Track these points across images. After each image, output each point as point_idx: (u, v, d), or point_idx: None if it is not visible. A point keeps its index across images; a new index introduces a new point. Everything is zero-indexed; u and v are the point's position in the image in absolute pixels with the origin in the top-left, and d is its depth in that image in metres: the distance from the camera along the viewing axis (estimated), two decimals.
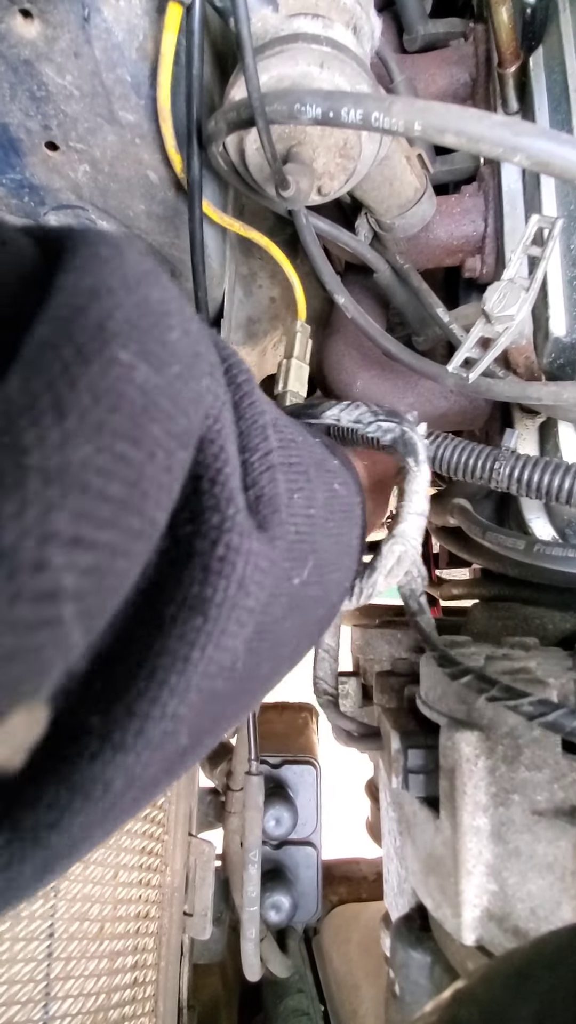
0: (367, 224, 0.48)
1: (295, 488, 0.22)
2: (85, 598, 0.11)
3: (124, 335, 0.12)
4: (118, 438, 0.11)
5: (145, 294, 0.14)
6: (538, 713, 0.22)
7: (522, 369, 0.41)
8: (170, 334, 0.14)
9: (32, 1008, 0.42)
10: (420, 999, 0.34)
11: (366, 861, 0.93)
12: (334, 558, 0.26)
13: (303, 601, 0.22)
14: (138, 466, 0.12)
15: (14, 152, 0.39)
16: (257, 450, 0.19)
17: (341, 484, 0.28)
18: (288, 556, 0.20)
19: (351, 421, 0.34)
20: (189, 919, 0.58)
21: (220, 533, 0.16)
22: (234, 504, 0.16)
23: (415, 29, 0.52)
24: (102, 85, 0.36)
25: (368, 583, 0.32)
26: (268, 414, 0.21)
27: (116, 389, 0.12)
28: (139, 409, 0.12)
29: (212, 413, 0.16)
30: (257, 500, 0.19)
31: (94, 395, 0.11)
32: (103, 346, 0.12)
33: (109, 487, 0.11)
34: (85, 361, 0.11)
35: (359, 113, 0.26)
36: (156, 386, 0.13)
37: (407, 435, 0.33)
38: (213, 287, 0.50)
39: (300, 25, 0.35)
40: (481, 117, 0.23)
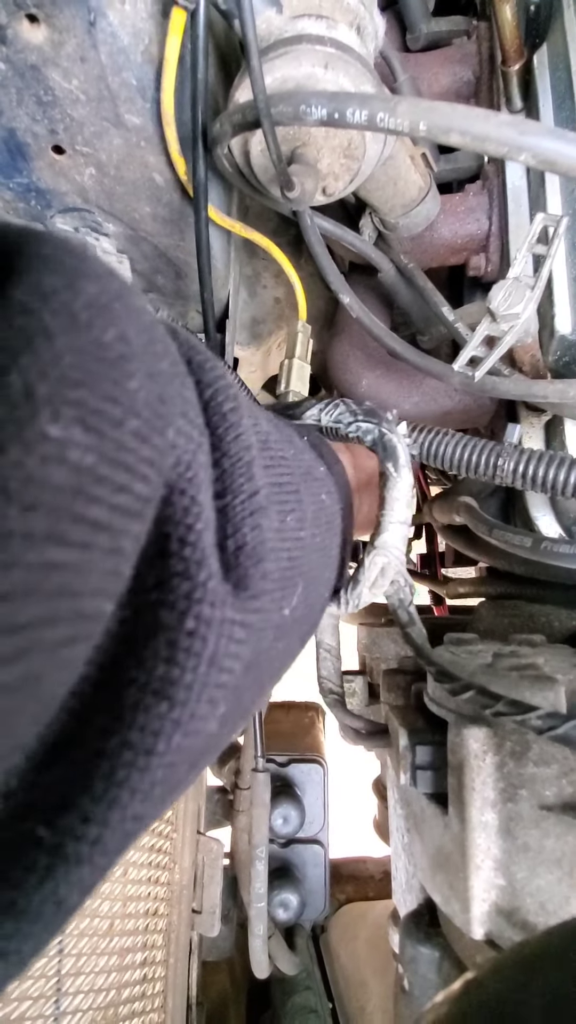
0: (371, 224, 0.48)
1: (287, 510, 0.21)
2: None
3: (58, 399, 0.10)
4: (33, 545, 0.09)
5: (98, 336, 0.12)
6: (547, 727, 0.22)
7: (528, 367, 0.41)
8: (128, 383, 0.12)
9: (44, 1004, 0.42)
10: (429, 994, 0.34)
11: (373, 860, 0.93)
12: (319, 572, 0.25)
13: (291, 627, 0.21)
14: (62, 570, 0.10)
15: (21, 156, 0.40)
16: (241, 492, 0.17)
17: (327, 493, 0.27)
18: (278, 587, 0.19)
19: (331, 421, 0.34)
20: (198, 916, 0.58)
21: (189, 604, 0.14)
22: (205, 568, 0.14)
23: (418, 28, 0.52)
24: (108, 89, 0.37)
25: (353, 595, 0.32)
26: (254, 447, 0.19)
27: (36, 479, 0.10)
28: (68, 497, 0.10)
29: (184, 459, 0.14)
30: (238, 551, 0.17)
31: (5, 495, 0.09)
32: (27, 421, 0.10)
33: (23, 612, 0.09)
34: (0, 447, 0.09)
35: (364, 114, 0.26)
36: (100, 458, 0.11)
37: (386, 437, 0.31)
38: (218, 288, 0.50)
39: (304, 26, 0.35)
40: (487, 116, 0.23)
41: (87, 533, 0.11)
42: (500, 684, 0.27)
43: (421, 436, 0.37)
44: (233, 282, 0.51)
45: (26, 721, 0.11)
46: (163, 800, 0.14)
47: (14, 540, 0.09)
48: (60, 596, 0.10)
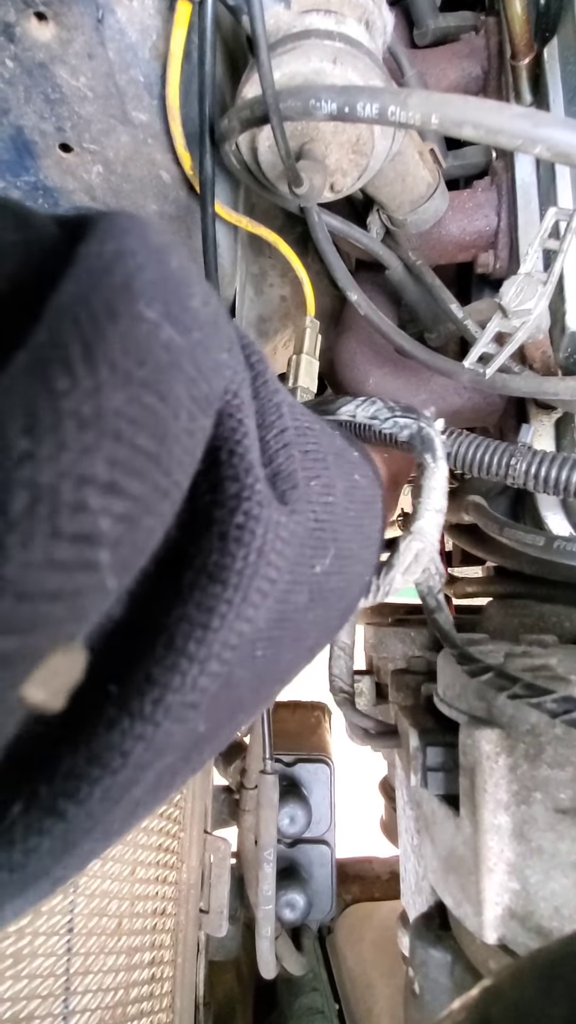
0: (379, 220, 0.48)
1: (311, 475, 0.22)
2: (119, 546, 0.11)
3: (149, 295, 0.12)
4: (146, 391, 0.11)
5: (167, 261, 0.14)
6: (562, 711, 0.22)
7: (538, 364, 0.40)
8: (192, 301, 0.14)
9: (52, 1002, 0.42)
10: (440, 998, 0.33)
11: (379, 860, 0.93)
12: (356, 549, 0.26)
13: (325, 592, 0.22)
14: (165, 422, 0.12)
15: (28, 154, 0.40)
16: (273, 427, 0.19)
17: (362, 475, 0.28)
18: (309, 541, 0.20)
19: (367, 417, 0.34)
20: (205, 916, 0.58)
21: (239, 501, 0.15)
22: (252, 474, 0.16)
23: (426, 23, 0.51)
24: (115, 86, 0.36)
25: (386, 580, 0.32)
26: (283, 393, 0.21)
27: (143, 344, 0.12)
28: (164, 367, 0.12)
29: (231, 388, 0.16)
30: (275, 476, 0.18)
31: (123, 347, 0.11)
32: (130, 303, 0.12)
33: (139, 438, 0.11)
34: (112, 316, 0.11)
35: (375, 107, 0.25)
36: (180, 348, 0.13)
37: (424, 431, 0.32)
38: (225, 286, 0.50)
39: (312, 21, 0.35)
40: (500, 108, 0.22)
41: (176, 404, 0.12)
42: None
43: None
44: (240, 280, 0.51)
45: (132, 555, 0.12)
46: (216, 673, 0.15)
47: (134, 381, 0.11)
48: (161, 440, 0.12)
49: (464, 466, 0.35)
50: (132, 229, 0.14)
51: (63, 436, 0.10)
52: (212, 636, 0.15)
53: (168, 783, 0.17)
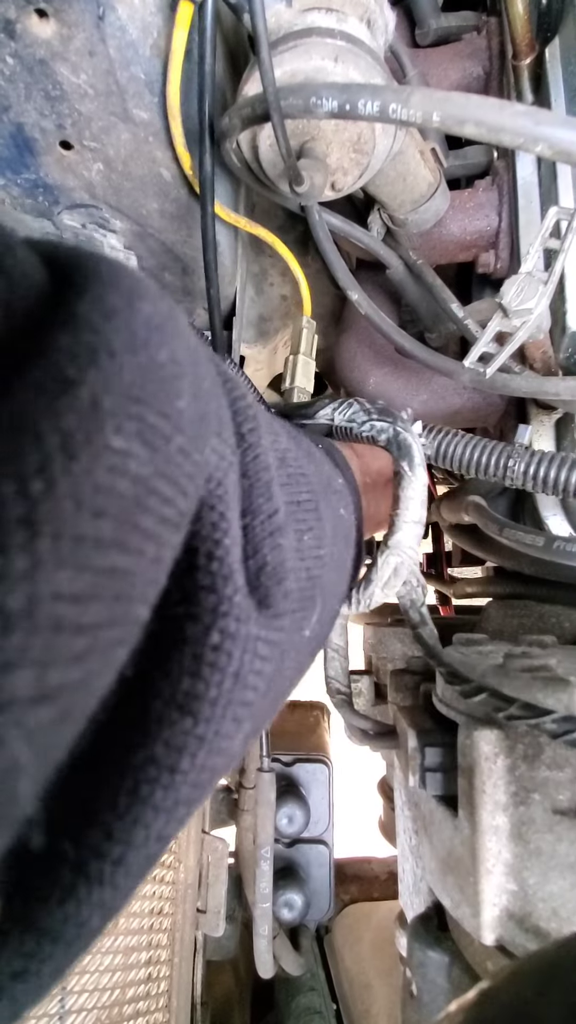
0: (380, 220, 0.48)
1: (304, 528, 0.21)
2: (44, 753, 0.09)
3: (121, 414, 0.11)
4: (100, 550, 0.10)
5: (153, 355, 0.12)
6: (562, 731, 0.22)
7: (539, 364, 0.40)
8: (177, 403, 0.12)
9: (48, 1002, 0.42)
10: (438, 999, 0.33)
11: (377, 860, 0.93)
12: (336, 588, 0.25)
13: (308, 646, 0.21)
14: (122, 575, 0.10)
15: (29, 152, 0.40)
16: (260, 512, 0.18)
17: (345, 507, 0.27)
18: (298, 608, 0.19)
19: (344, 420, 0.33)
20: (202, 916, 0.58)
21: (215, 617, 0.14)
22: (232, 583, 0.14)
23: (427, 23, 0.51)
24: (116, 83, 0.36)
25: (365, 595, 0.31)
26: (273, 467, 0.19)
27: (104, 488, 0.10)
28: (129, 505, 0.11)
29: (216, 476, 0.15)
30: (259, 571, 0.17)
31: (76, 500, 0.09)
32: (95, 432, 0.10)
33: (86, 614, 0.10)
34: (70, 455, 0.09)
35: (376, 105, 0.25)
36: (153, 471, 0.11)
37: (401, 436, 0.31)
38: (225, 285, 0.50)
39: (314, 19, 0.35)
40: (502, 106, 0.22)
41: (141, 541, 0.11)
42: (512, 686, 0.27)
43: (430, 436, 0.36)
44: (240, 279, 0.51)
45: (81, 712, 0.11)
46: (183, 820, 0.14)
47: (86, 544, 0.10)
48: (118, 600, 0.10)
49: (462, 467, 0.35)
50: (119, 310, 0.12)
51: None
52: (181, 779, 0.13)
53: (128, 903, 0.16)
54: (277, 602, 0.17)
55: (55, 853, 0.13)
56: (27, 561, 0.09)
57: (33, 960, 0.12)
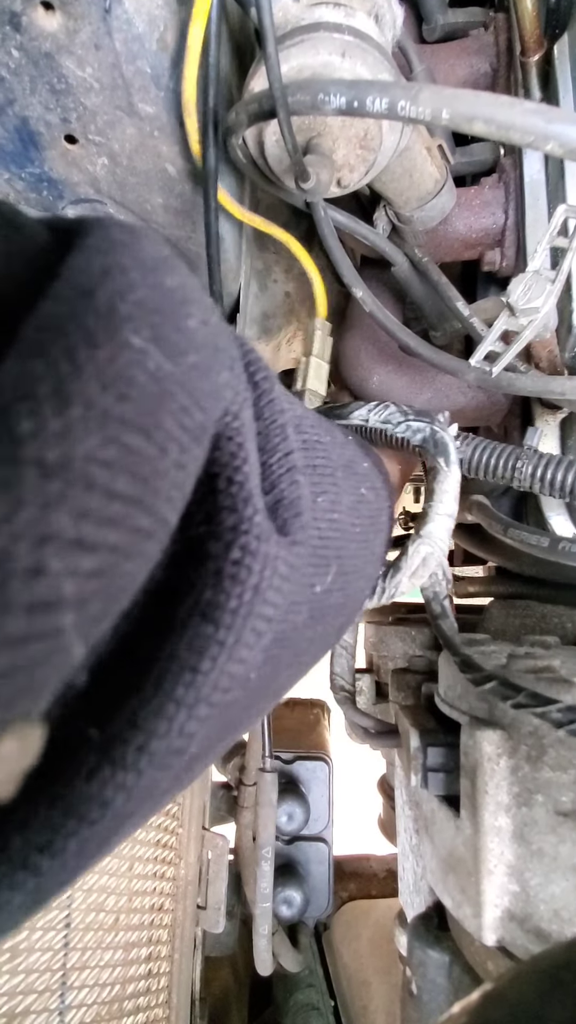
0: (385, 217, 0.47)
1: (318, 491, 0.21)
2: (87, 605, 0.10)
3: (137, 319, 0.11)
4: (127, 429, 0.10)
5: (161, 279, 0.13)
6: (567, 720, 0.22)
7: (545, 363, 0.40)
8: (188, 321, 0.13)
9: (49, 997, 0.42)
10: (438, 998, 0.33)
11: (376, 858, 0.93)
12: (359, 565, 0.25)
13: (325, 609, 0.21)
14: (149, 460, 0.11)
15: (33, 146, 0.39)
16: (276, 451, 0.18)
17: (369, 488, 0.27)
18: (311, 562, 0.19)
19: (380, 421, 0.34)
20: (203, 912, 0.58)
21: (236, 535, 0.15)
22: (251, 505, 0.15)
23: (435, 18, 0.51)
24: (122, 77, 0.36)
25: (392, 583, 0.32)
26: (289, 413, 0.20)
27: (126, 376, 0.11)
28: (151, 399, 0.11)
29: (231, 409, 0.15)
30: (277, 504, 0.17)
31: (101, 382, 0.10)
32: (113, 330, 0.11)
33: (116, 482, 0.10)
34: (92, 345, 0.10)
35: (385, 102, 0.25)
36: (170, 375, 0.12)
37: (439, 435, 0.32)
38: (229, 281, 0.50)
39: (321, 14, 0.34)
40: (512, 104, 0.22)
41: (164, 438, 0.11)
42: None
43: None
44: (244, 275, 0.51)
45: (115, 596, 0.11)
46: (204, 719, 0.14)
47: (113, 421, 0.10)
48: (146, 482, 0.11)
49: (470, 469, 0.35)
50: (126, 242, 0.13)
51: (21, 490, 0.09)
52: (202, 679, 0.14)
53: (153, 811, 0.16)
54: (295, 531, 0.17)
55: (82, 737, 0.13)
56: (60, 424, 0.09)
57: (59, 834, 0.13)
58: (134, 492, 0.11)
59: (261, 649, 0.15)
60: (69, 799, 0.13)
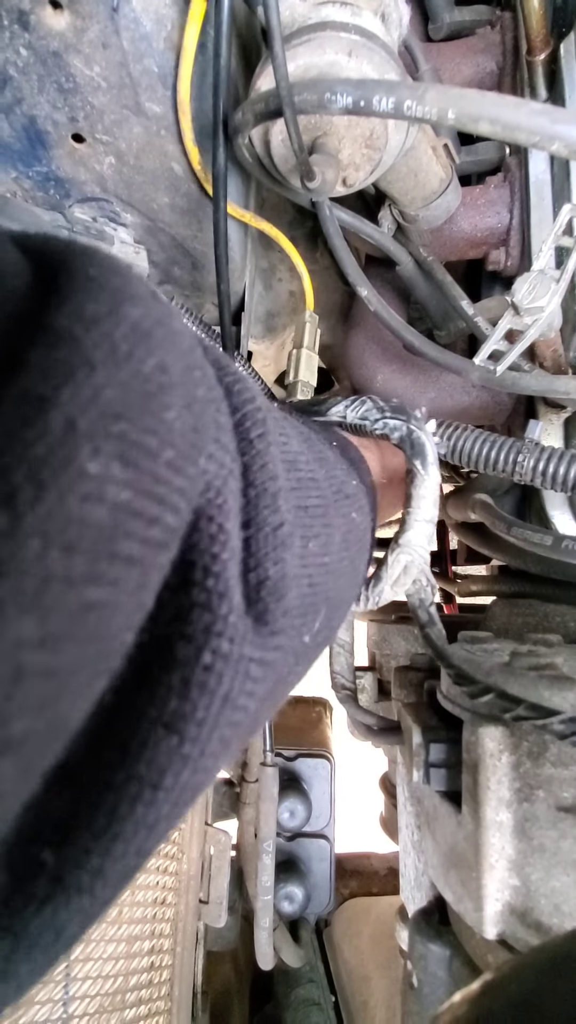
0: (390, 216, 0.48)
1: (311, 535, 0.20)
2: (29, 744, 0.09)
3: (100, 434, 0.10)
4: (72, 587, 0.09)
5: (137, 366, 0.11)
6: (570, 732, 0.22)
7: (549, 363, 0.40)
8: (166, 413, 0.12)
9: (53, 988, 0.43)
10: (438, 991, 0.34)
11: (377, 856, 0.93)
12: (345, 594, 0.24)
13: (311, 651, 0.21)
14: (99, 609, 0.10)
15: (41, 145, 0.40)
16: (265, 525, 0.17)
17: (359, 510, 0.26)
18: (300, 615, 0.19)
19: (357, 418, 0.33)
20: (204, 906, 0.59)
21: (208, 637, 0.14)
22: (227, 600, 0.14)
23: (441, 17, 0.51)
24: (129, 76, 0.36)
25: (374, 592, 0.31)
26: (281, 476, 0.18)
27: (76, 518, 0.09)
28: (106, 534, 0.10)
29: (214, 485, 0.14)
30: (259, 585, 0.16)
31: (44, 538, 0.09)
32: (68, 458, 0.09)
33: (55, 659, 0.09)
34: (40, 485, 0.09)
35: (391, 101, 0.25)
36: (136, 492, 0.11)
37: (415, 435, 0.31)
38: (234, 280, 0.50)
39: (328, 13, 0.35)
40: (518, 104, 0.22)
41: (121, 569, 0.10)
42: (519, 684, 0.27)
43: (439, 430, 0.36)
44: (249, 274, 0.51)
45: (48, 755, 0.11)
46: (165, 833, 0.14)
47: (54, 584, 0.09)
48: (93, 638, 0.10)
49: (470, 462, 0.35)
50: (107, 315, 0.11)
51: None
52: (163, 796, 0.13)
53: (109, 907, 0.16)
54: (275, 619, 0.16)
55: (34, 862, 0.13)
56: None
57: (11, 962, 0.13)
58: (79, 656, 0.10)
59: (230, 753, 0.15)
60: (20, 929, 0.12)
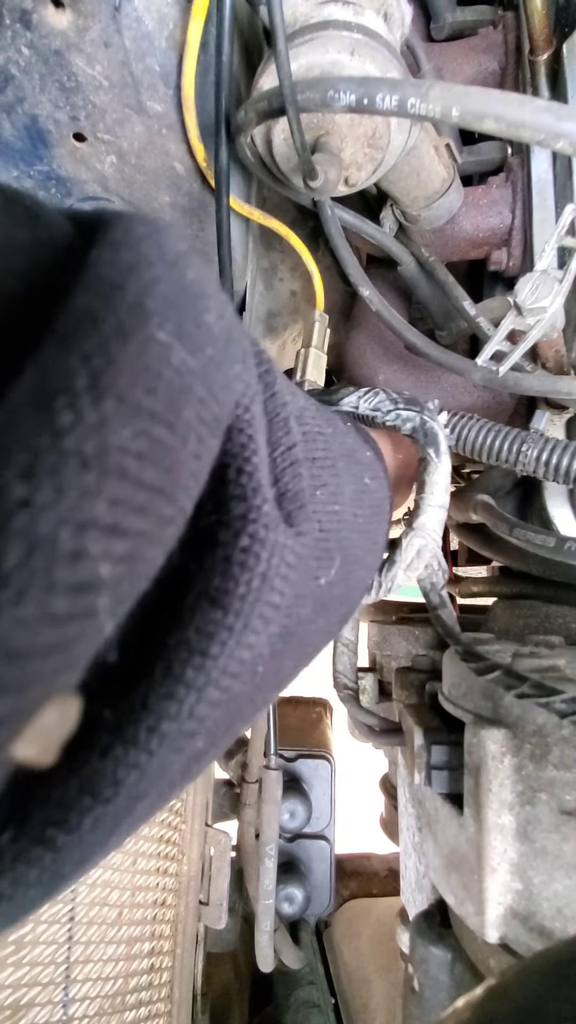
0: (392, 216, 0.47)
1: (318, 484, 0.21)
2: (118, 587, 0.10)
3: (162, 313, 0.12)
4: (155, 422, 0.11)
5: (182, 274, 0.13)
6: (571, 711, 0.22)
7: (551, 363, 0.40)
8: (206, 316, 0.13)
9: (53, 989, 0.43)
10: (440, 995, 0.33)
11: (377, 857, 0.93)
12: (361, 555, 0.25)
13: (328, 601, 0.22)
14: (172, 452, 0.12)
15: (42, 144, 0.40)
16: (280, 444, 0.19)
17: (372, 478, 0.27)
18: (315, 554, 0.19)
19: (369, 409, 0.33)
20: (205, 908, 0.59)
21: (245, 523, 0.15)
22: (260, 494, 0.15)
23: (443, 17, 0.51)
24: (131, 75, 0.36)
25: (388, 577, 0.32)
26: (291, 406, 0.20)
27: (153, 370, 0.11)
28: (175, 392, 0.12)
29: (243, 402, 0.15)
30: (281, 496, 0.18)
31: (132, 375, 0.11)
32: (142, 324, 0.11)
33: (145, 473, 0.11)
34: (123, 338, 0.11)
35: (395, 99, 0.25)
36: (191, 369, 0.12)
37: (428, 424, 0.32)
38: (236, 280, 0.50)
39: (331, 12, 0.35)
40: (523, 102, 0.22)
41: (185, 430, 0.12)
42: None
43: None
44: (250, 274, 0.51)
45: (140, 579, 0.12)
46: (214, 703, 0.15)
47: (143, 414, 0.11)
48: (169, 472, 0.11)
49: (474, 452, 0.35)
50: (149, 236, 0.13)
51: (63, 479, 0.09)
52: (211, 664, 0.14)
53: (165, 797, 0.17)
54: (300, 522, 0.18)
55: (96, 717, 0.14)
56: (96, 416, 0.10)
57: (74, 811, 0.13)
58: (160, 482, 0.11)
59: (267, 638, 0.16)
60: (84, 776, 0.13)
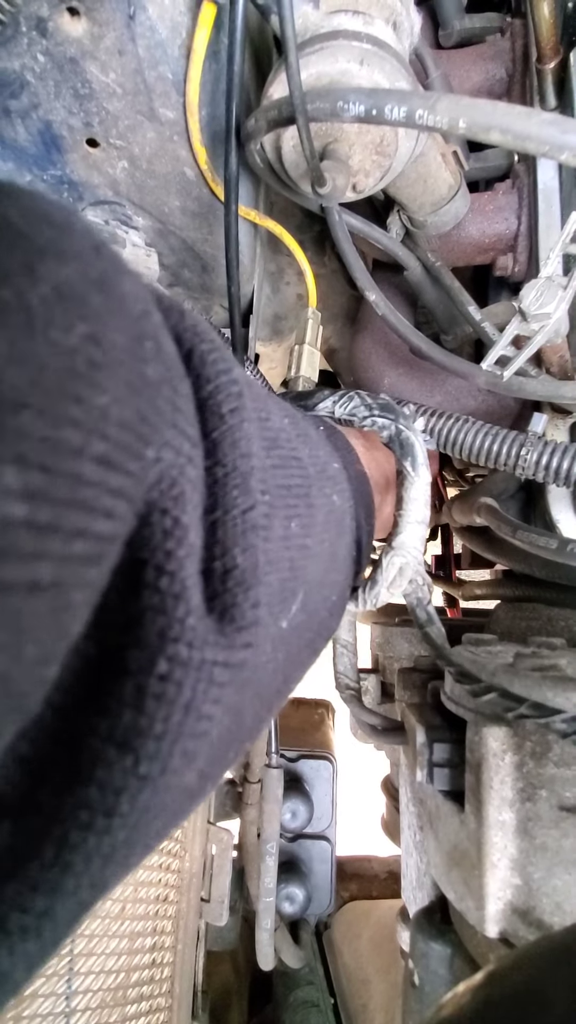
0: (399, 221, 0.48)
1: (292, 515, 0.19)
2: None
3: (13, 435, 0.08)
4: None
5: (57, 338, 0.09)
6: (572, 731, 0.22)
7: (555, 368, 0.41)
8: (96, 398, 0.10)
9: (56, 981, 0.43)
10: (439, 989, 0.34)
11: (378, 859, 0.93)
12: (322, 577, 0.23)
13: (288, 637, 0.19)
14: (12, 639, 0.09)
15: (56, 149, 0.40)
16: (234, 507, 0.15)
17: (339, 492, 0.25)
18: (279, 600, 0.17)
19: (345, 414, 0.33)
20: (206, 905, 0.59)
21: (163, 643, 0.12)
22: (184, 602, 0.13)
23: (451, 24, 0.51)
24: (144, 83, 0.37)
25: (371, 595, 0.32)
26: (255, 455, 0.17)
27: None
28: (26, 555, 0.09)
29: (169, 474, 0.12)
30: (226, 575, 0.15)
31: None
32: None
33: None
34: None
35: (403, 111, 0.26)
36: (44, 504, 0.09)
37: (403, 434, 0.31)
38: (243, 283, 0.51)
39: (340, 22, 0.35)
40: (528, 114, 0.23)
41: (21, 600, 0.09)
42: (522, 684, 0.27)
43: (440, 423, 0.36)
44: (258, 277, 0.52)
45: None
46: (127, 862, 0.13)
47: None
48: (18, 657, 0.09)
49: (472, 455, 0.35)
50: (18, 271, 0.09)
51: None
52: (119, 823, 0.12)
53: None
54: (244, 614, 0.15)
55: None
56: None
57: None
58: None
59: (198, 767, 0.13)
60: None
